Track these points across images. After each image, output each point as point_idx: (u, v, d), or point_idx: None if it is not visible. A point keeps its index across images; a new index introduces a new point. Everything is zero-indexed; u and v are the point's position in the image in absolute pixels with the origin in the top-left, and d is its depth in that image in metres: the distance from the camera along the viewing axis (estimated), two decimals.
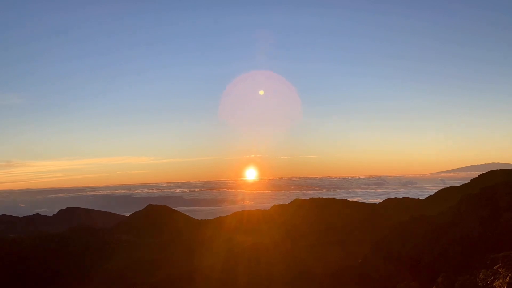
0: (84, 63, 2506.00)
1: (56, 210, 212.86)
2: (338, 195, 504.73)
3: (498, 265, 17.56)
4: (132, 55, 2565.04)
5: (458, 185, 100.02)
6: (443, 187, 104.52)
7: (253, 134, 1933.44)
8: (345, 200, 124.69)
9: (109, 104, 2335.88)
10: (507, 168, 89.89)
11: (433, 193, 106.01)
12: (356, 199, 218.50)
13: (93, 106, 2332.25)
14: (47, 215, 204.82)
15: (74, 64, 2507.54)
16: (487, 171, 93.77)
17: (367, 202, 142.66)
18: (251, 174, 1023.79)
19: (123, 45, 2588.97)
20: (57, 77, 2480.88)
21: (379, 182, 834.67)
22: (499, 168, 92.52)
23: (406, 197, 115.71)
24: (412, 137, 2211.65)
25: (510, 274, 16.18)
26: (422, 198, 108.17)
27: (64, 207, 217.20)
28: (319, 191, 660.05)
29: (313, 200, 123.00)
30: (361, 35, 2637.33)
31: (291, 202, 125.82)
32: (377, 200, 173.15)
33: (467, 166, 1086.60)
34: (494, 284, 16.81)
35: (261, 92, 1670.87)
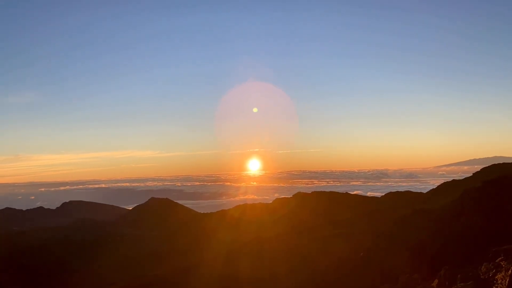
0: (89, 61, 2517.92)
1: (60, 203, 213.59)
2: (339, 188, 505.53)
3: (500, 258, 17.68)
4: (136, 52, 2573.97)
5: (461, 178, 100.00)
6: (445, 181, 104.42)
7: (256, 129, 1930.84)
8: (347, 193, 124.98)
9: (116, 100, 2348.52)
10: (510, 161, 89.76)
11: (435, 186, 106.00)
12: (357, 192, 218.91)
13: (99, 101, 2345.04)
14: (51, 208, 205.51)
15: (79, 62, 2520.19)
16: (489, 164, 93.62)
17: (369, 196, 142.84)
18: (253, 168, 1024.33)
19: (128, 43, 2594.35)
20: (63, 75, 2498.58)
21: (381, 175, 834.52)
22: (501, 162, 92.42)
23: (408, 191, 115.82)
24: (414, 130, 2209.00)
25: None
26: (424, 192, 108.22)
27: (67, 201, 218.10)
28: (321, 185, 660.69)
29: (315, 193, 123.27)
30: (364, 29, 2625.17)
31: (293, 195, 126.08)
32: (379, 194, 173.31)
33: (470, 160, 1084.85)
34: (496, 277, 16.95)
35: (255, 110, 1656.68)
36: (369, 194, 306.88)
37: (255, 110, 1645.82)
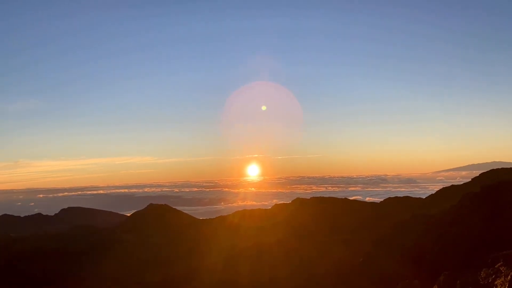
0: (87, 67, 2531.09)
1: (58, 210, 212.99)
2: (338, 194, 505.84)
3: (499, 264, 17.71)
4: (135, 58, 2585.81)
5: (460, 183, 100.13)
6: (444, 186, 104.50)
7: (256, 134, 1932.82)
8: (346, 199, 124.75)
9: (115, 105, 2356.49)
10: (509, 166, 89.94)
11: (434, 191, 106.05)
12: (356, 198, 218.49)
13: (98, 107, 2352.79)
14: (49, 214, 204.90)
15: (78, 68, 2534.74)
16: (488, 169, 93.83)
17: (368, 201, 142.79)
18: (252, 174, 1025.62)
19: (127, 48, 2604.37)
20: (62, 81, 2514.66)
21: (379, 180, 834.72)
22: (500, 167, 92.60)
23: (407, 196, 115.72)
24: (413, 135, 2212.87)
25: (511, 273, 16.33)
26: (424, 197, 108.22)
27: (66, 207, 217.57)
28: (319, 190, 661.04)
29: (314, 199, 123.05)
30: (361, 37, 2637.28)
31: (292, 201, 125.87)
32: (378, 199, 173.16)
33: (468, 165, 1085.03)
34: (496, 282, 16.96)
35: (264, 108, 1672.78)
36: (368, 199, 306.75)
37: (263, 108, 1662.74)
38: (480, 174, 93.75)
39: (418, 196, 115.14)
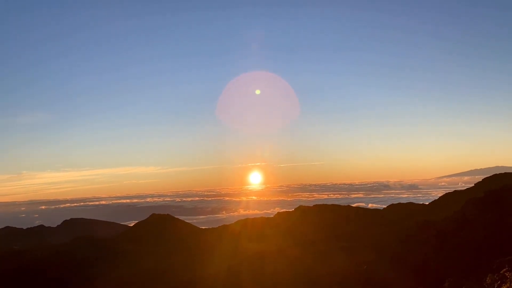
0: (90, 79, 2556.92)
1: (60, 221, 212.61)
2: (340, 201, 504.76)
3: (504, 269, 17.51)
4: (136, 71, 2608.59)
5: (463, 189, 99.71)
6: (447, 192, 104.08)
7: (258, 142, 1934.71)
8: (349, 206, 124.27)
9: (118, 117, 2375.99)
10: (511, 171, 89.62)
11: (437, 197, 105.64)
12: (358, 205, 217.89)
13: (101, 119, 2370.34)
14: (51, 226, 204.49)
15: (80, 80, 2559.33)
16: (491, 174, 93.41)
17: (371, 208, 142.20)
18: (255, 182, 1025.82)
19: (129, 61, 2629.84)
20: (65, 93, 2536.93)
21: (382, 187, 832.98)
22: (503, 172, 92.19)
23: (410, 202, 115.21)
24: (415, 141, 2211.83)
25: None
26: (427, 203, 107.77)
27: (68, 218, 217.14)
28: (322, 198, 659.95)
29: (317, 206, 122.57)
30: (364, 41, 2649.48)
31: (295, 208, 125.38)
32: (381, 206, 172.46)
33: (471, 170, 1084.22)
34: None
35: (258, 92, 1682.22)
36: (370, 206, 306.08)
37: (257, 92, 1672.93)
38: (483, 179, 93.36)
39: (421, 202, 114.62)
